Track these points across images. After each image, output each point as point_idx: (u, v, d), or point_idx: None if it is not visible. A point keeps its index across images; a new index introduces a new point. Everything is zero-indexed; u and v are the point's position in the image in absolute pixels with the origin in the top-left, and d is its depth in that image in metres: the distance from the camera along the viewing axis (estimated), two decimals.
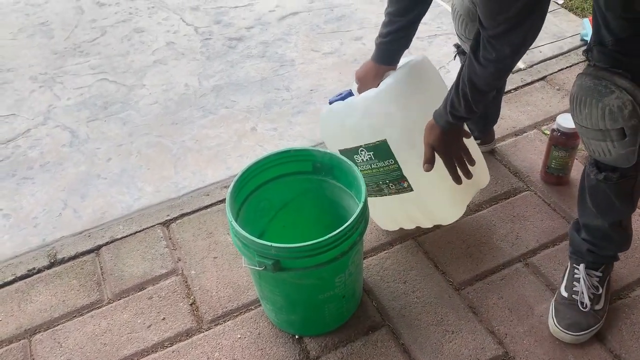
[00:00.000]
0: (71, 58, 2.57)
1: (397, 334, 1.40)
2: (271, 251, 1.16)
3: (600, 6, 1.05)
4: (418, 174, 1.38)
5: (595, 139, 1.10)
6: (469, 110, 1.21)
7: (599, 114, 1.05)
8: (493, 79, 1.16)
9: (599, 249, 1.34)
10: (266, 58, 2.44)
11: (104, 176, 1.95)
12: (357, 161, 1.44)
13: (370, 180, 1.47)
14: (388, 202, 1.50)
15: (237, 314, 1.48)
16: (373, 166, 1.43)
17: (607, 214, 1.27)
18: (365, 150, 1.41)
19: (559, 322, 1.33)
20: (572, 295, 1.35)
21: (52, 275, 1.63)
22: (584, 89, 1.07)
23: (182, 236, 1.70)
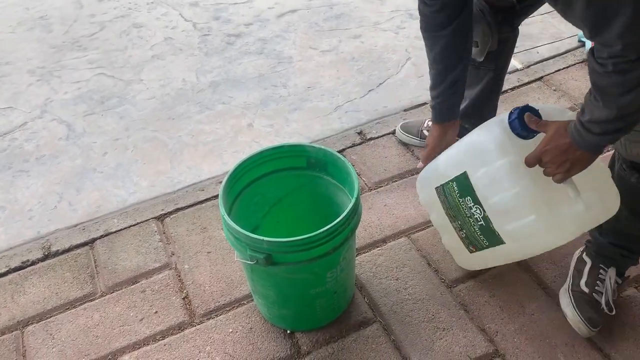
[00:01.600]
0: (69, 52, 2.57)
1: (388, 330, 1.40)
2: (263, 245, 1.16)
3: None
4: (488, 257, 1.33)
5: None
6: (604, 126, 0.99)
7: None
8: (620, 86, 0.94)
9: (632, 253, 1.33)
10: (264, 55, 2.45)
11: (100, 170, 1.95)
12: (465, 200, 1.27)
13: (454, 208, 1.33)
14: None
15: (230, 309, 1.48)
16: (470, 219, 1.28)
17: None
18: (482, 215, 1.24)
19: (582, 313, 1.33)
20: (593, 294, 1.35)
21: (45, 267, 1.63)
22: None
23: (176, 230, 1.70)
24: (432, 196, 1.39)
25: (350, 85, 2.24)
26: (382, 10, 2.67)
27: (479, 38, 1.43)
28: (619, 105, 0.95)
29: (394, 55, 2.37)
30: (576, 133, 1.03)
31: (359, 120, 2.06)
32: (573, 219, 1.15)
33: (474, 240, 1.34)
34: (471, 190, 1.26)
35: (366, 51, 2.42)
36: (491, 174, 1.20)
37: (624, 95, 0.94)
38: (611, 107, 0.96)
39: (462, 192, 1.29)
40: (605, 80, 0.95)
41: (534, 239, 1.21)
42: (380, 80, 2.25)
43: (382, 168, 1.84)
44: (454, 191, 1.32)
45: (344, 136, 1.98)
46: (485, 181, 1.23)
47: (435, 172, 1.38)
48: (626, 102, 0.95)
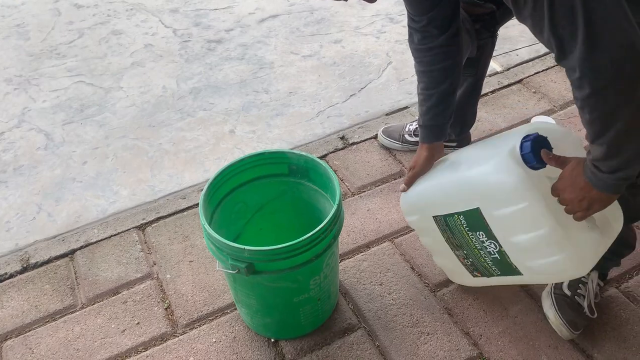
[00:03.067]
0: (47, 60, 2.54)
1: (373, 336, 1.40)
2: (244, 254, 1.15)
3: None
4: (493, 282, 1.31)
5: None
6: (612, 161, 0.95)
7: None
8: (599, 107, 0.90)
9: (614, 254, 1.33)
10: (245, 60, 2.44)
11: (79, 180, 1.92)
12: (477, 234, 1.21)
13: (460, 240, 1.27)
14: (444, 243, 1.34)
15: (213, 318, 1.47)
16: (481, 252, 1.24)
17: (626, 218, 1.22)
18: (496, 250, 1.19)
19: (564, 316, 1.34)
20: (575, 297, 1.36)
21: (24, 280, 1.60)
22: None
23: (158, 240, 1.68)
24: (427, 223, 1.32)
25: (332, 90, 2.23)
26: (363, 15, 2.67)
27: None
28: (607, 140, 0.91)
29: (375, 59, 2.38)
30: (590, 173, 0.99)
31: (341, 125, 2.06)
32: (592, 248, 1.12)
33: (482, 269, 1.29)
34: (485, 226, 1.17)
35: (347, 56, 2.42)
36: (510, 214, 1.11)
37: (609, 131, 0.90)
38: (601, 143, 0.92)
39: (472, 226, 1.21)
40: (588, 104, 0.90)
41: (556, 273, 1.17)
42: (362, 84, 2.25)
43: (365, 173, 1.84)
44: (461, 224, 1.23)
45: (326, 141, 1.98)
46: (503, 221, 1.14)
47: (430, 200, 1.30)
48: (611, 137, 0.90)
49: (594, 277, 1.38)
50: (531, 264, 1.17)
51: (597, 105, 0.89)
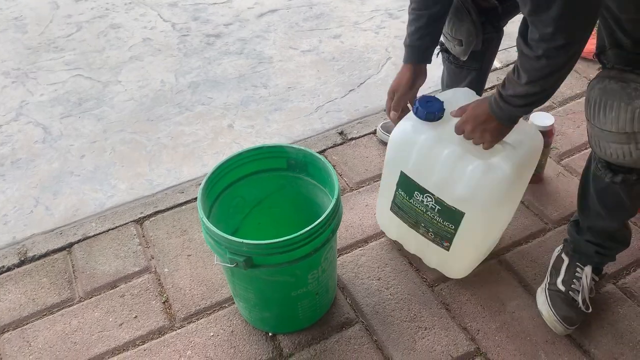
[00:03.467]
0: (45, 53, 2.53)
1: (370, 331, 1.40)
2: (243, 248, 1.15)
3: (610, 8, 1.03)
4: (466, 243, 1.36)
5: (618, 142, 1.07)
6: (522, 100, 1.10)
7: (628, 117, 1.02)
8: (546, 67, 1.03)
9: (607, 250, 1.35)
10: (244, 55, 2.43)
11: (77, 173, 1.92)
12: (414, 196, 1.35)
13: (412, 215, 1.40)
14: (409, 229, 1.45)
15: (211, 312, 1.47)
16: (428, 213, 1.35)
17: (618, 215, 1.27)
18: (433, 201, 1.32)
19: (557, 312, 1.34)
20: (569, 292, 1.36)
21: (21, 273, 1.60)
22: (609, 92, 1.04)
23: (156, 234, 1.68)
24: (391, 218, 1.48)
25: (331, 85, 2.23)
26: (362, 10, 2.67)
27: (464, 37, 1.43)
28: (541, 84, 1.06)
29: (375, 55, 2.37)
30: (495, 106, 1.15)
31: (340, 120, 2.06)
32: (506, 159, 1.23)
33: (442, 233, 1.36)
34: (414, 183, 1.34)
35: (346, 51, 2.41)
36: (419, 156, 1.30)
37: (547, 77, 1.04)
38: (534, 85, 1.06)
39: (408, 192, 1.37)
40: (532, 64, 1.03)
41: (481, 193, 1.24)
42: (361, 80, 2.25)
43: (364, 168, 1.84)
44: (403, 197, 1.39)
45: (325, 136, 1.97)
46: (419, 166, 1.32)
47: (386, 198, 1.46)
48: (548, 84, 1.06)
49: (588, 272, 1.38)
50: (458, 193, 1.26)
51: (558, 56, 1.01)
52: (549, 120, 1.62)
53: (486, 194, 1.25)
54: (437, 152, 1.27)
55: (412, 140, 1.31)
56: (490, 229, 1.42)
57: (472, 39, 1.43)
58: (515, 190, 1.35)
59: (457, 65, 1.58)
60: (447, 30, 1.48)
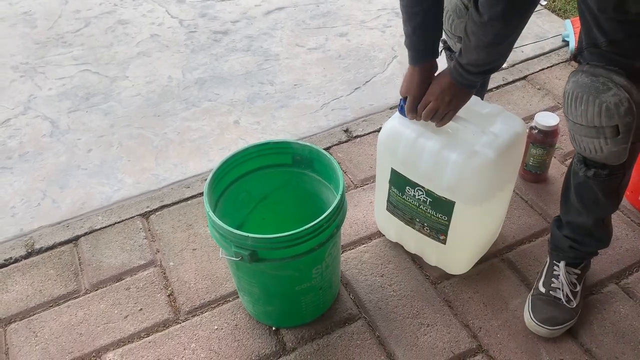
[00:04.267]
0: (54, 48, 2.55)
1: (373, 327, 1.41)
2: (248, 242, 1.16)
3: (590, 8, 1.05)
4: (461, 236, 1.38)
5: (589, 136, 1.11)
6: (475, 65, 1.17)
7: (596, 110, 1.06)
8: (489, 33, 1.09)
9: (581, 245, 1.36)
10: (251, 52, 2.44)
11: (84, 167, 1.94)
12: (406, 191, 1.39)
13: (406, 210, 1.43)
14: (406, 227, 1.47)
15: (215, 306, 1.48)
16: (421, 207, 1.38)
17: (592, 211, 1.29)
18: (424, 193, 1.35)
19: (535, 316, 1.35)
20: (550, 291, 1.37)
21: (29, 265, 1.61)
22: (580, 86, 1.08)
23: (162, 228, 1.70)
24: (388, 220, 1.51)
25: (337, 83, 2.24)
26: (368, 9, 2.67)
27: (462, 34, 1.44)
28: (487, 50, 1.13)
29: (380, 53, 2.38)
30: (456, 73, 1.21)
31: (345, 117, 2.07)
32: (489, 145, 1.27)
33: (437, 225, 1.38)
34: (404, 178, 1.37)
35: (353, 49, 2.42)
36: (405, 149, 1.34)
37: (491, 44, 1.11)
38: (481, 50, 1.13)
39: (400, 188, 1.40)
40: (478, 28, 1.09)
41: (468, 180, 1.27)
42: (367, 78, 2.26)
43: (368, 166, 1.85)
44: (396, 194, 1.42)
45: (330, 134, 1.98)
46: (406, 159, 1.35)
47: (381, 199, 1.50)
48: (493, 49, 1.13)
49: (562, 267, 1.38)
50: (446, 183, 1.29)
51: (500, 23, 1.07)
52: (554, 120, 1.62)
53: (472, 181, 1.27)
54: (422, 144, 1.31)
55: (398, 135, 1.35)
56: (484, 218, 1.42)
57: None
58: (502, 177, 1.37)
59: None
60: (447, 27, 1.49)
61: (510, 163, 1.37)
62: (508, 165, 1.35)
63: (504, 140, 1.29)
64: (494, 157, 1.26)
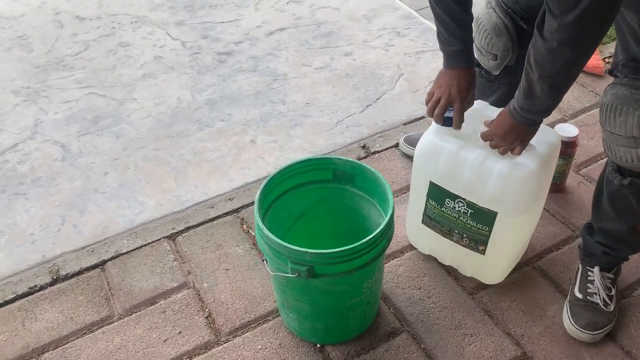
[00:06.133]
0: (55, 72, 2.51)
1: (417, 339, 1.42)
2: (306, 257, 1.16)
3: (629, 24, 1.11)
4: (500, 246, 1.40)
5: (626, 145, 1.16)
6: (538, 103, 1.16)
7: (635, 122, 1.11)
8: (558, 60, 1.06)
9: (614, 251, 1.41)
10: (258, 72, 2.46)
11: (102, 190, 1.90)
12: (445, 204, 1.40)
13: (445, 223, 1.44)
14: (442, 240, 1.49)
15: (255, 325, 1.47)
16: (461, 219, 1.40)
17: (626, 218, 1.34)
18: (465, 205, 1.37)
19: (576, 322, 1.38)
20: (587, 297, 1.41)
21: (56, 292, 1.57)
22: (620, 98, 1.13)
23: (190, 249, 1.68)
24: (422, 233, 1.53)
25: (348, 100, 2.27)
26: (369, 29, 2.73)
27: (500, 52, 1.46)
28: (551, 81, 1.11)
29: (387, 71, 2.43)
30: (517, 115, 1.22)
31: (361, 134, 2.09)
32: (530, 156, 1.30)
33: (477, 236, 1.41)
34: (443, 191, 1.39)
35: (359, 68, 2.46)
36: (446, 163, 1.36)
37: (557, 73, 1.09)
38: (545, 81, 1.11)
39: (439, 200, 1.41)
40: (545, 56, 1.07)
41: (511, 190, 1.30)
42: (377, 95, 2.29)
43: (390, 180, 1.87)
44: (434, 207, 1.44)
45: (348, 150, 2.01)
46: (447, 173, 1.36)
47: (415, 213, 1.51)
48: (558, 80, 1.12)
49: (597, 272, 1.43)
50: (488, 192, 1.32)
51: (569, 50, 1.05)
52: (574, 131, 1.68)
53: (516, 191, 1.31)
54: (464, 157, 1.34)
55: (438, 149, 1.37)
56: (522, 228, 1.46)
57: (508, 53, 1.47)
58: (541, 187, 1.41)
59: (488, 79, 1.62)
60: (483, 44, 1.51)
61: (548, 173, 1.41)
62: (546, 175, 1.40)
63: (543, 151, 1.33)
64: (535, 167, 1.30)
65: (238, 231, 1.72)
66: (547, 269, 1.57)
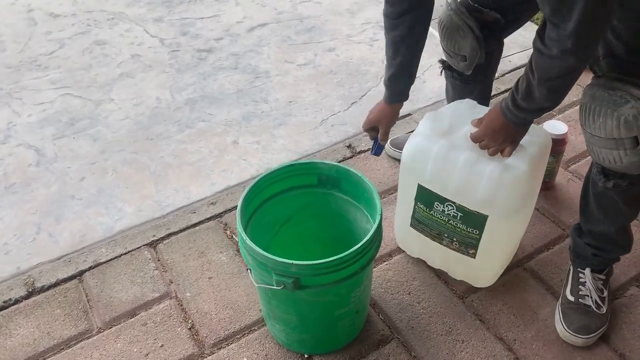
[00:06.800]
0: (28, 72, 2.42)
1: (408, 347, 1.38)
2: (291, 269, 1.11)
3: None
4: (491, 249, 1.37)
5: (607, 147, 1.12)
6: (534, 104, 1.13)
7: (614, 123, 1.07)
8: (560, 67, 1.04)
9: (604, 252, 1.38)
10: (239, 70, 2.39)
11: (79, 197, 1.83)
12: (434, 207, 1.36)
13: (434, 226, 1.40)
14: (431, 243, 1.45)
15: (240, 336, 1.42)
16: (451, 222, 1.36)
17: (614, 219, 1.31)
18: (455, 208, 1.33)
19: (569, 326, 1.35)
20: (579, 299, 1.38)
21: (31, 305, 1.51)
22: (598, 99, 1.09)
23: (172, 257, 1.62)
24: (411, 236, 1.49)
25: (332, 98, 2.22)
26: (352, 23, 2.67)
27: (467, 52, 1.44)
28: (550, 86, 1.08)
29: (372, 67, 2.38)
30: (510, 114, 1.19)
31: (346, 133, 2.05)
32: (521, 158, 1.27)
33: (467, 240, 1.37)
34: (432, 194, 1.35)
35: (343, 64, 2.41)
36: (435, 165, 1.31)
37: (556, 78, 1.06)
38: (544, 85, 1.08)
39: (428, 204, 1.37)
40: (546, 62, 1.05)
41: (502, 193, 1.26)
42: (362, 92, 2.25)
43: (376, 181, 1.83)
44: (423, 210, 1.40)
45: (333, 150, 1.96)
46: (436, 176, 1.32)
47: (403, 216, 1.48)
48: (557, 86, 1.08)
49: (588, 274, 1.40)
50: (479, 196, 1.28)
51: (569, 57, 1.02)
52: (564, 128, 1.65)
53: (507, 194, 1.27)
54: (453, 159, 1.29)
55: (426, 151, 1.33)
56: (514, 230, 1.43)
57: (476, 53, 1.43)
58: (533, 188, 1.37)
59: (462, 80, 1.59)
60: (450, 47, 1.47)
61: (539, 174, 1.38)
62: (537, 176, 1.36)
63: (534, 152, 1.30)
64: (527, 169, 1.26)
65: (221, 237, 1.67)
66: (538, 270, 1.54)
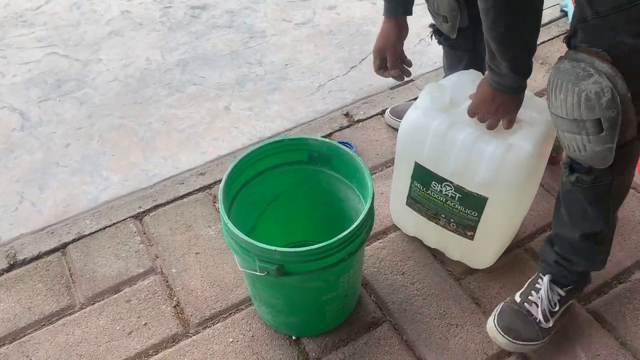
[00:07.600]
0: (13, 29, 2.31)
1: (399, 330, 1.33)
2: (275, 256, 1.05)
3: None
4: (491, 231, 1.29)
5: (570, 131, 1.01)
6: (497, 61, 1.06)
7: (575, 100, 0.96)
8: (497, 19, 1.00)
9: (568, 263, 1.24)
10: (234, 29, 2.27)
11: (64, 164, 1.76)
12: (432, 187, 1.29)
13: (431, 206, 1.33)
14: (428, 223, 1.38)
15: (227, 315, 1.37)
16: (448, 203, 1.28)
17: (577, 223, 1.18)
18: (453, 189, 1.26)
19: (499, 322, 1.25)
20: (525, 303, 1.26)
21: (12, 279, 1.46)
22: (561, 72, 0.98)
23: (158, 230, 1.56)
24: (407, 214, 1.41)
25: (331, 61, 2.11)
26: None
27: (447, 12, 1.34)
28: (500, 38, 1.01)
29: (374, 27, 2.25)
30: (491, 80, 1.12)
31: (344, 100, 1.95)
32: (526, 137, 1.18)
33: (465, 221, 1.30)
34: (430, 173, 1.27)
35: (343, 23, 2.28)
36: (434, 143, 1.23)
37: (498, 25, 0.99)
38: (495, 39, 1.02)
39: (425, 183, 1.30)
40: (486, 15, 1.00)
41: (505, 175, 1.18)
42: (362, 55, 2.13)
43: (374, 153, 1.74)
44: (420, 189, 1.32)
45: (330, 118, 1.86)
46: (434, 154, 1.24)
47: (400, 193, 1.40)
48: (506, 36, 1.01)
49: (546, 281, 1.27)
50: (479, 178, 1.20)
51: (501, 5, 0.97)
52: None
53: (510, 176, 1.19)
54: (453, 137, 1.21)
55: (424, 127, 1.24)
56: (515, 212, 1.35)
57: (456, 13, 1.33)
58: (537, 169, 1.29)
59: (450, 45, 1.50)
60: (430, 7, 1.39)
61: (544, 154, 1.28)
62: (542, 156, 1.27)
63: (539, 130, 1.20)
64: (531, 149, 1.17)
65: (210, 210, 1.60)
66: (538, 252, 1.47)
